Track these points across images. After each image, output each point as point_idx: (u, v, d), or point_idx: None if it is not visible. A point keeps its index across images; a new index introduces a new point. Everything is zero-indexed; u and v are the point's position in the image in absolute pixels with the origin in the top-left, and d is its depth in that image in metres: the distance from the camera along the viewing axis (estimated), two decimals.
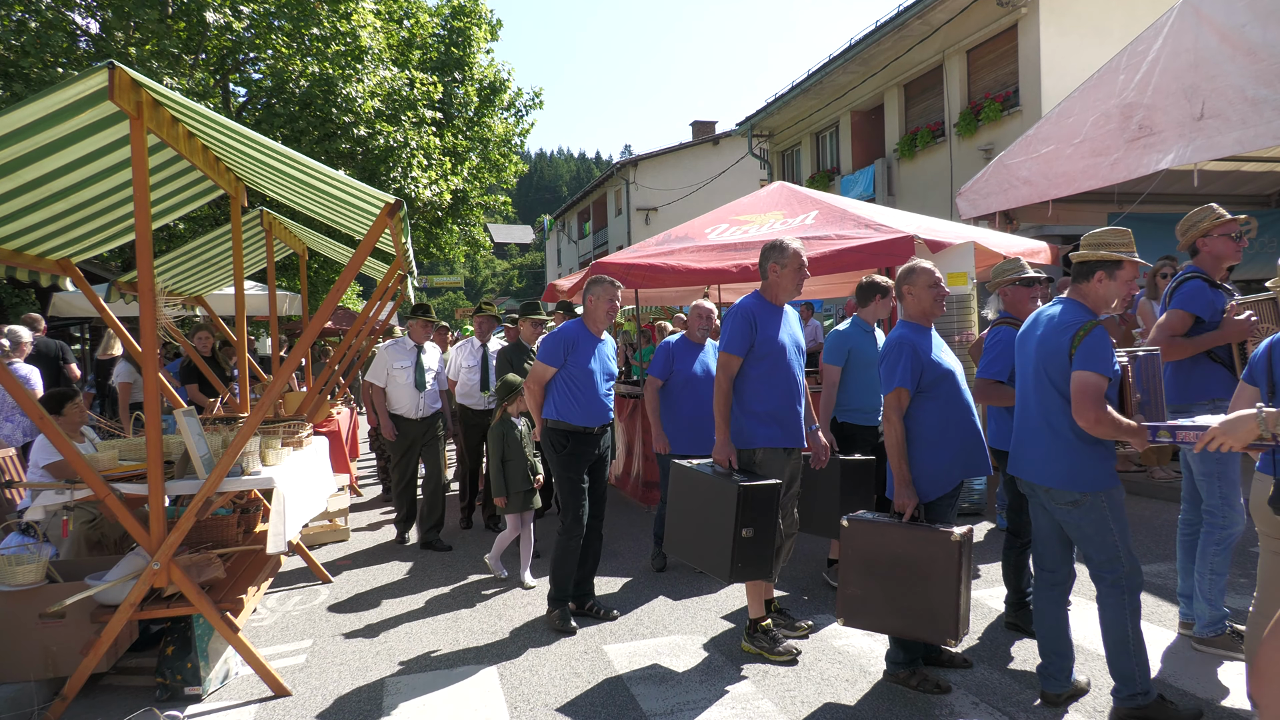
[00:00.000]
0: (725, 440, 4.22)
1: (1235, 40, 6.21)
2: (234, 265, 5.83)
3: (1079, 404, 3.21)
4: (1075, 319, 3.36)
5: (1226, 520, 4.10)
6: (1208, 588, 4.15)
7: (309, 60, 12.80)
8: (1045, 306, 3.62)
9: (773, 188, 9.12)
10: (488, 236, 20.28)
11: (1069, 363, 3.29)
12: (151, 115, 3.83)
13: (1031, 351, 3.52)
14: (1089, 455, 3.36)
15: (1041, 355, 3.44)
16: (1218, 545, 4.12)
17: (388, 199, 4.26)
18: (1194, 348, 4.14)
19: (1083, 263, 3.44)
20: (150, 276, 3.86)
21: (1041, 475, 3.46)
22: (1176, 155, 6.77)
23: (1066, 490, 3.38)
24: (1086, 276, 3.44)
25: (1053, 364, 3.38)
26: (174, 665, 4.10)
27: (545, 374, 4.93)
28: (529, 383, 5.01)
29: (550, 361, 4.90)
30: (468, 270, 63.98)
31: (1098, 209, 9.34)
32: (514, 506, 5.74)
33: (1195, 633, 4.24)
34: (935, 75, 16.03)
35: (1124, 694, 3.39)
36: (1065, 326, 3.36)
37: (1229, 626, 4.17)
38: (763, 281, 4.39)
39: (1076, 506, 3.38)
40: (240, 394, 6.25)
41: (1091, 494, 3.35)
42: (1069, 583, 3.67)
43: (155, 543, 3.94)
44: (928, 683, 3.90)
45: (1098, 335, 3.25)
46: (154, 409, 3.89)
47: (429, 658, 4.58)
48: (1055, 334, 3.38)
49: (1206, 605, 4.16)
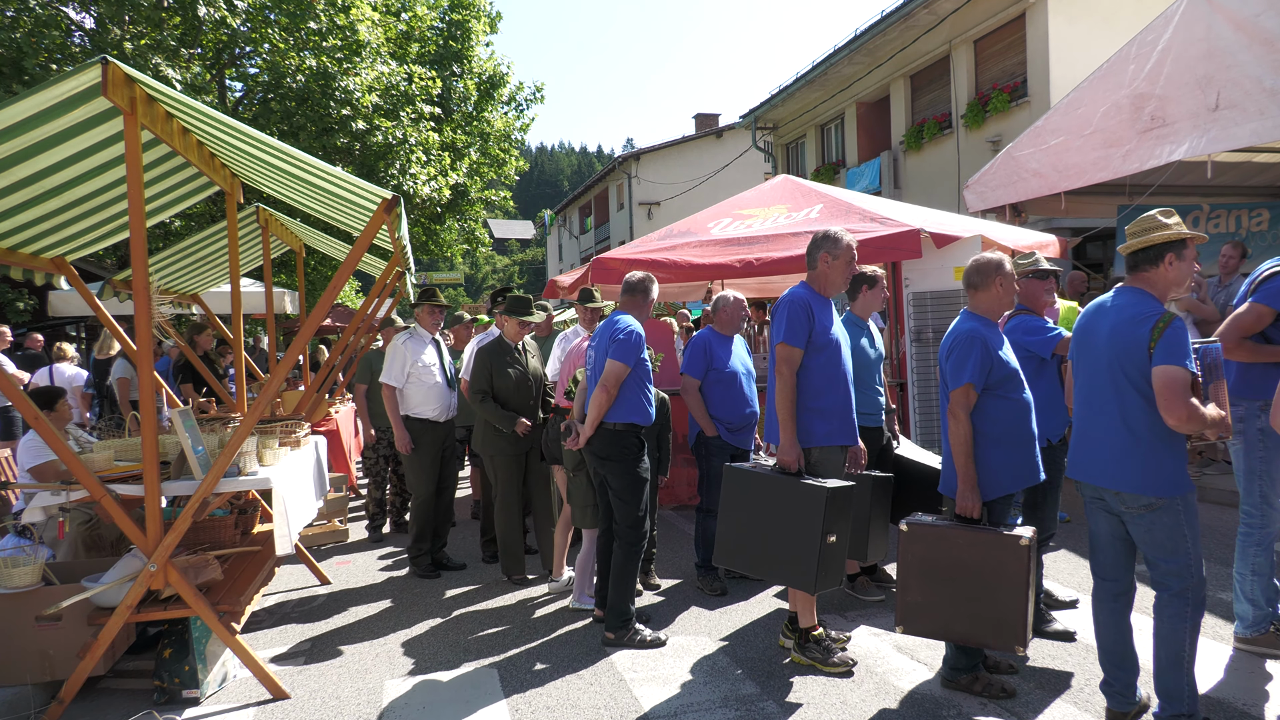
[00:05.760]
0: (793, 440, 3.98)
1: (1251, 29, 6.11)
2: (230, 262, 5.76)
3: (1168, 401, 3.04)
4: (1149, 310, 3.18)
5: (1265, 520, 4.03)
6: (1249, 587, 4.08)
7: (306, 54, 12.72)
8: (1102, 298, 3.45)
9: (776, 181, 9.05)
10: (487, 232, 20.17)
11: (1149, 358, 3.12)
12: (145, 111, 3.78)
13: (1101, 348, 3.31)
14: (1166, 456, 3.19)
15: (1115, 351, 3.23)
16: (1258, 546, 4.04)
17: (385, 194, 4.20)
18: (1262, 355, 3.95)
19: (1146, 248, 3.26)
20: (145, 274, 3.80)
21: (1114, 479, 3.27)
22: (1190, 146, 6.66)
23: (1142, 494, 3.20)
24: (1154, 261, 3.24)
25: (1129, 360, 3.18)
26: (171, 668, 4.05)
27: (623, 374, 4.53)
28: (609, 384, 4.51)
29: (629, 361, 4.52)
30: (468, 266, 63.85)
31: (1108, 201, 9.23)
32: (592, 520, 5.13)
33: (1237, 632, 4.17)
34: (942, 66, 15.90)
35: (1168, 714, 3.24)
36: (1139, 319, 3.17)
37: (1272, 626, 4.10)
38: (810, 272, 4.21)
39: (1151, 511, 3.20)
40: (237, 393, 6.17)
41: (1168, 498, 3.18)
42: (1132, 593, 3.48)
43: (152, 544, 3.89)
44: (992, 687, 3.78)
45: (1178, 327, 3.08)
46: (149, 408, 3.85)
47: (429, 659, 4.52)
48: (1130, 327, 3.19)
49: (1249, 605, 4.10)
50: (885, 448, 5.14)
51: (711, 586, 5.36)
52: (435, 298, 6.19)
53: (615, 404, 4.54)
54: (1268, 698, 3.68)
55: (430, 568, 6.04)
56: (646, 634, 4.59)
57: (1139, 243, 3.29)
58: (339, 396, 9.12)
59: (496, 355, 5.66)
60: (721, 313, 5.52)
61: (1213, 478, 7.37)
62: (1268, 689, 3.76)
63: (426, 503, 6.02)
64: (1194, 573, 3.21)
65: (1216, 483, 7.22)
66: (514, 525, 5.73)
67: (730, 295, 5.57)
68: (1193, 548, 3.21)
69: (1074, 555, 5.75)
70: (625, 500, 4.61)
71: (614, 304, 5.18)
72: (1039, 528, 4.40)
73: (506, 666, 4.38)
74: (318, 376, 6.92)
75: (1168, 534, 3.20)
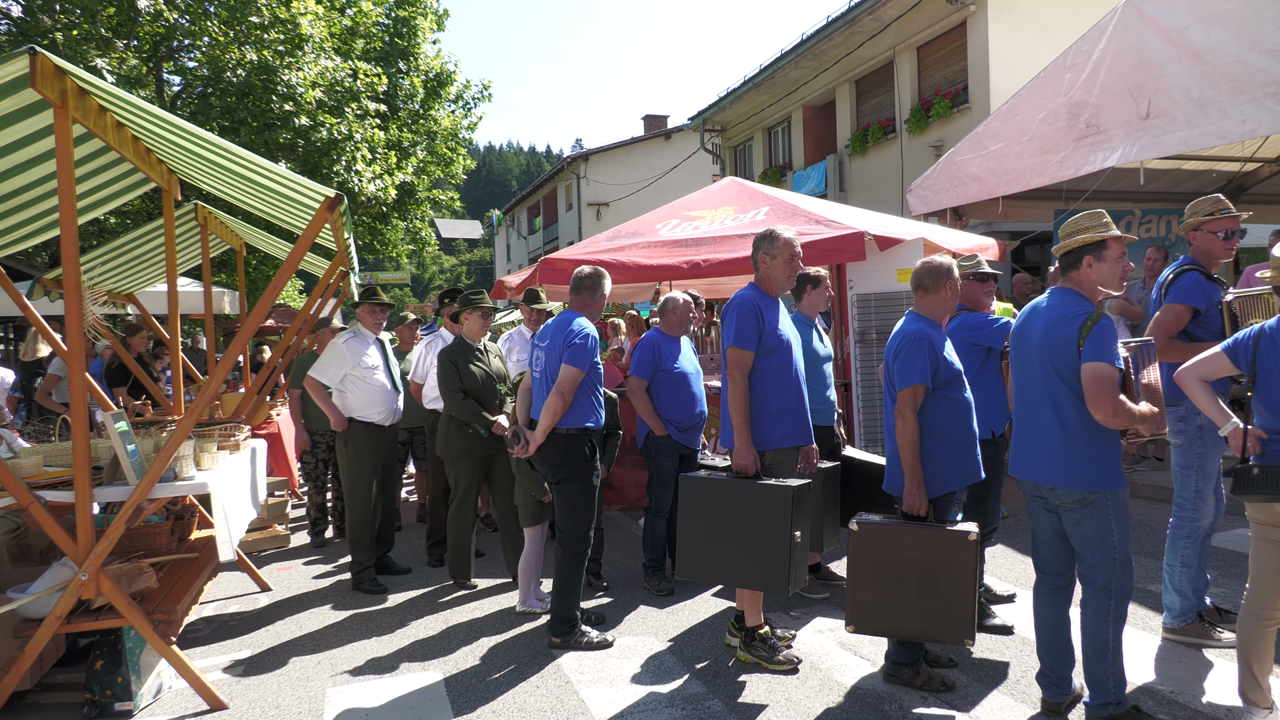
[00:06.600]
0: (748, 444, 3.98)
1: (1180, 41, 6.30)
2: (167, 261, 5.61)
3: (1095, 396, 3.13)
4: (1078, 309, 3.27)
5: (1197, 513, 4.17)
6: (1178, 579, 4.21)
7: (246, 48, 12.43)
8: (1037, 299, 3.54)
9: (724, 183, 9.10)
10: (434, 232, 19.93)
11: (1078, 355, 3.20)
12: (77, 104, 3.65)
13: (1034, 348, 3.40)
14: (1100, 452, 3.28)
15: (1047, 350, 3.32)
16: (1188, 539, 4.18)
17: (328, 193, 4.13)
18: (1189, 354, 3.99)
19: (1068, 252, 3.37)
20: (76, 273, 3.67)
21: (1050, 475, 3.36)
22: (1123, 153, 6.87)
23: (1077, 489, 3.29)
24: (1075, 264, 3.35)
25: (1061, 359, 3.27)
26: (103, 680, 3.92)
27: (579, 379, 4.46)
28: (564, 391, 4.41)
29: (584, 366, 4.45)
30: (414, 266, 63.08)
31: (1045, 206, 9.47)
32: (539, 517, 5.16)
33: (1165, 622, 4.30)
34: (886, 71, 16.17)
35: (1096, 702, 3.34)
36: (1068, 318, 3.26)
37: (1198, 615, 4.23)
38: (755, 273, 4.23)
39: (1084, 505, 3.29)
40: (174, 395, 6.01)
41: (1100, 493, 3.27)
42: (1071, 587, 3.56)
43: (83, 552, 3.77)
44: (934, 681, 3.84)
45: (1105, 325, 3.18)
46: (80, 411, 3.72)
47: (372, 665, 4.45)
48: (1060, 326, 3.28)
49: (1177, 596, 4.23)
50: (835, 446, 5.21)
51: (658, 587, 5.37)
52: (377, 296, 5.96)
53: (568, 409, 4.50)
54: (1194, 685, 3.80)
55: (375, 583, 5.72)
56: (593, 636, 4.57)
57: (1060, 247, 3.42)
58: (280, 398, 8.93)
59: (461, 355, 5.53)
60: (671, 314, 5.55)
61: (1143, 474, 7.61)
62: (1194, 677, 3.88)
63: (368, 513, 5.69)
64: (1119, 566, 3.31)
65: (1147, 479, 7.45)
66: (468, 529, 5.66)
67: (680, 296, 5.61)
68: (1119, 542, 3.31)
69: (1011, 550, 5.88)
70: (574, 508, 4.56)
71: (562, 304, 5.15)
72: (983, 522, 4.50)
73: (452, 671, 4.34)
74: (258, 378, 6.76)
75: (1096, 527, 3.30)
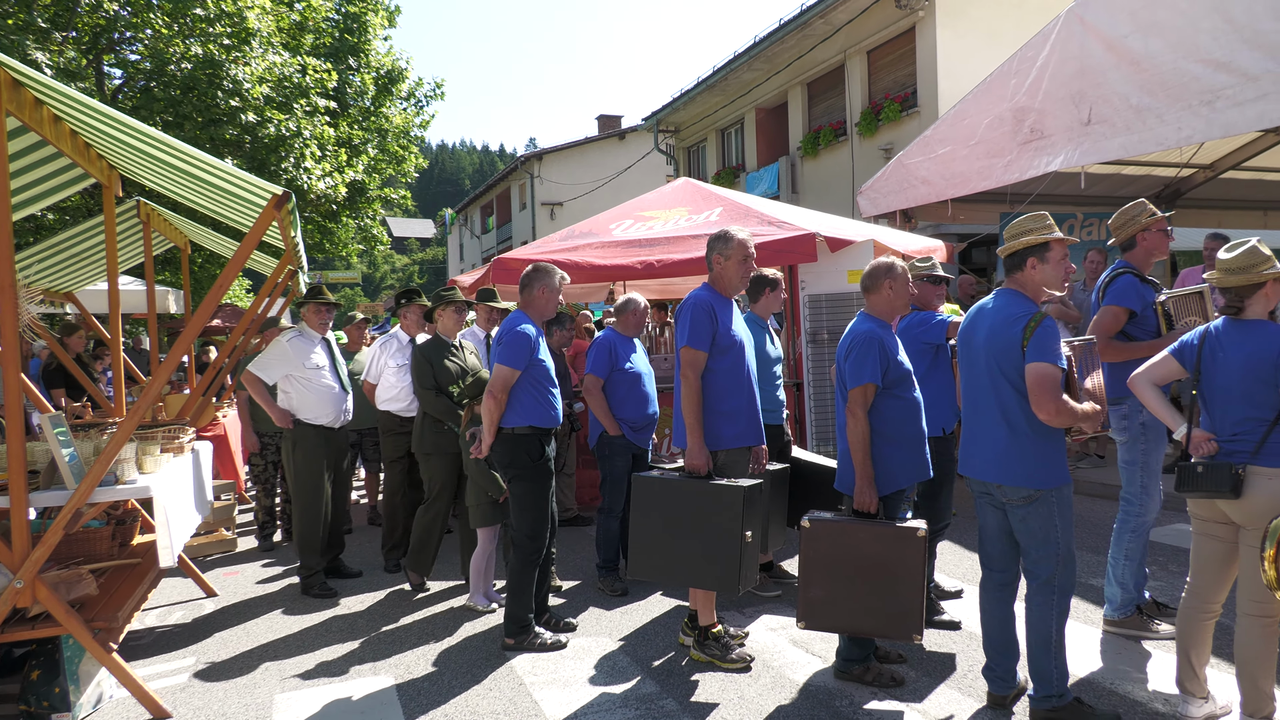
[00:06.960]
0: (701, 444, 4.00)
1: (1119, 50, 6.48)
2: (108, 259, 5.46)
3: (1038, 396, 3.19)
4: (1021, 310, 3.34)
5: (1143, 508, 4.28)
6: (1121, 571, 4.32)
7: (191, 41, 12.15)
8: (983, 300, 3.60)
9: (678, 184, 9.13)
10: (385, 231, 19.67)
11: (1022, 356, 3.26)
12: (11, 96, 3.56)
13: (980, 348, 3.46)
14: (1046, 450, 3.34)
15: (992, 351, 3.38)
16: (1133, 532, 4.29)
17: (275, 190, 4.06)
18: (1128, 353, 4.17)
19: (1012, 254, 3.45)
20: (11, 270, 3.56)
21: (996, 473, 3.42)
22: (1065, 158, 7.05)
23: (1023, 486, 3.35)
24: (1019, 266, 3.42)
25: (1005, 359, 3.32)
26: (40, 691, 3.81)
27: (512, 378, 4.44)
28: (495, 390, 4.41)
29: (517, 364, 4.43)
30: (365, 266, 62.25)
31: (991, 208, 9.67)
32: (491, 518, 5.12)
33: (1106, 615, 4.40)
34: (837, 75, 16.34)
35: (1039, 695, 3.41)
36: (1013, 319, 3.32)
37: (1137, 609, 4.34)
38: (709, 274, 4.25)
39: (1029, 502, 3.36)
40: (115, 397, 5.85)
41: (1046, 490, 3.34)
42: (1017, 583, 3.64)
43: (18, 559, 3.66)
44: (884, 677, 3.89)
45: (1048, 326, 3.24)
46: (15, 414, 3.61)
47: (322, 670, 4.38)
48: (1004, 327, 3.34)
49: (1118, 588, 4.34)
50: (785, 446, 5.26)
51: (612, 587, 5.37)
52: (322, 295, 5.79)
53: (509, 409, 4.48)
54: (1134, 676, 3.91)
55: (325, 587, 5.59)
56: (546, 637, 4.56)
57: (1005, 248, 3.49)
58: (227, 400, 8.74)
59: (435, 351, 5.51)
60: (630, 315, 5.63)
61: (1086, 471, 7.81)
62: (1134, 668, 3.99)
63: (317, 517, 5.53)
64: (1062, 561, 3.39)
65: (1090, 475, 7.65)
66: (437, 526, 5.57)
67: (640, 300, 5.72)
68: (1062, 537, 3.38)
69: (959, 547, 5.99)
70: (525, 509, 4.54)
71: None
72: (934, 519, 4.58)
73: (403, 674, 4.29)
74: (204, 379, 6.60)
75: (1040, 523, 3.38)
